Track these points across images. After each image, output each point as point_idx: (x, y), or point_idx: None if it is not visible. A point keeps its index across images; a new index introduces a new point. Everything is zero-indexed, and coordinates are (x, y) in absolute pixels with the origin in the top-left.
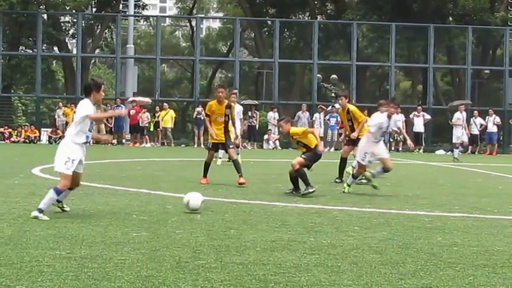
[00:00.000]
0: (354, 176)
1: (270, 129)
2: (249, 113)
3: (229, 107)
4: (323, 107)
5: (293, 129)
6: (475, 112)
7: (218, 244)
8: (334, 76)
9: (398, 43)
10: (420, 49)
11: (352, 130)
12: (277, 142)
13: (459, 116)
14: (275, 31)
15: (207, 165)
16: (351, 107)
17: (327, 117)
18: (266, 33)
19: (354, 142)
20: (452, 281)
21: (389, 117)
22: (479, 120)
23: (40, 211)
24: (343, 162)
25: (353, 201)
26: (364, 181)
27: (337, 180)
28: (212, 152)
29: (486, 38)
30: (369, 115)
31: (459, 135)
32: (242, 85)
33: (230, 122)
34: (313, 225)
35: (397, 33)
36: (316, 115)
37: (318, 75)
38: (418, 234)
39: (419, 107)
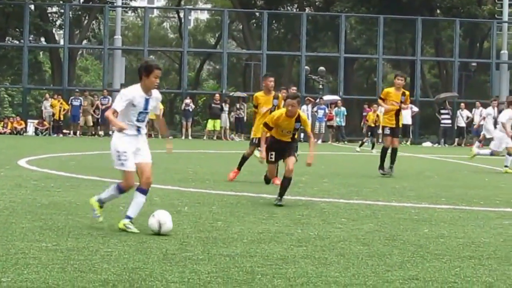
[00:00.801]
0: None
1: None
2: (237, 105)
3: (277, 97)
4: (310, 99)
5: (302, 114)
6: (462, 104)
7: (205, 236)
8: (322, 68)
9: (386, 35)
10: (407, 42)
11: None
12: None
13: (490, 112)
14: (263, 23)
15: (244, 159)
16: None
17: (315, 109)
18: (254, 25)
19: (395, 133)
20: (438, 273)
21: None
22: (465, 113)
23: (130, 219)
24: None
25: (340, 193)
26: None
27: (383, 171)
28: (253, 147)
29: (473, 30)
30: (358, 106)
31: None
32: (230, 77)
33: None
34: (300, 217)
35: (385, 26)
36: (304, 107)
37: (306, 67)
38: (405, 226)
39: None
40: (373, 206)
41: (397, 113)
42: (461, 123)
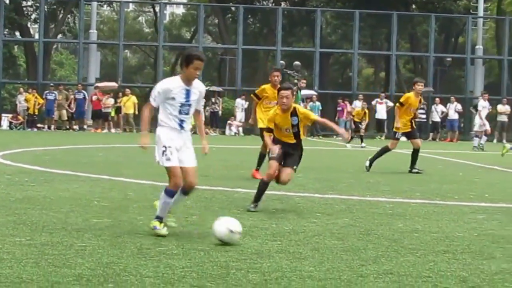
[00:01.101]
0: None
1: (233, 116)
2: (212, 100)
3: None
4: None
5: (299, 106)
6: (437, 99)
7: (180, 231)
8: (297, 62)
9: (361, 30)
10: (383, 37)
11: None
12: (240, 129)
13: (484, 105)
14: (239, 18)
15: (262, 156)
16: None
17: None
18: (230, 19)
19: (412, 135)
20: (412, 267)
21: None
22: (440, 107)
23: (160, 220)
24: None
25: (315, 187)
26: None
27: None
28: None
29: (448, 26)
30: (333, 101)
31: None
32: (205, 72)
33: None
34: (275, 211)
35: (360, 21)
36: None
37: (282, 61)
38: (380, 220)
39: (382, 94)
40: (348, 200)
41: (413, 118)
42: (436, 118)
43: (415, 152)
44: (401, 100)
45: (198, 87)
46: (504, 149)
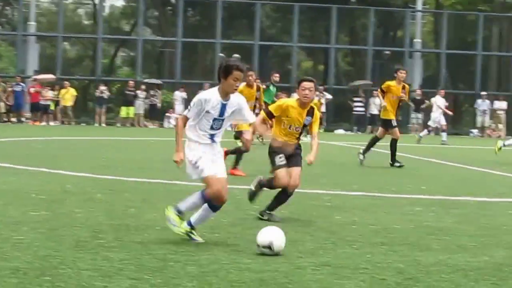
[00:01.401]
0: None
1: (172, 109)
2: (151, 92)
3: (258, 89)
4: None
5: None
6: (375, 92)
7: (118, 224)
8: (236, 55)
9: (301, 23)
10: (322, 30)
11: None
12: None
13: (442, 100)
14: (179, 10)
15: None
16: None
17: None
18: (170, 11)
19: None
20: (350, 259)
21: None
22: (378, 100)
23: (192, 228)
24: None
25: (253, 180)
26: None
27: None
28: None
29: (387, 19)
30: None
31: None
32: (144, 64)
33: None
34: None
35: (300, 14)
36: None
37: (221, 54)
38: (318, 212)
39: (321, 87)
40: None
41: (398, 106)
42: (374, 110)
43: (394, 143)
44: (383, 87)
45: (236, 100)
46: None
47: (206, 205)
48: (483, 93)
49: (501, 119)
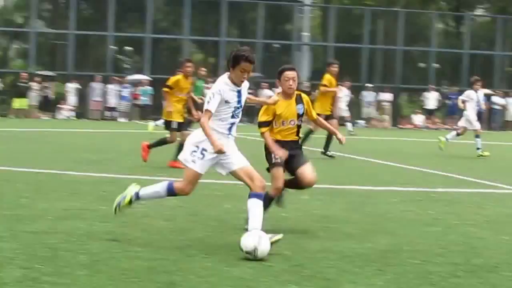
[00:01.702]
0: None
1: (63, 100)
2: (44, 84)
3: (193, 83)
4: (116, 78)
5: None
6: (264, 84)
7: (9, 214)
8: (128, 48)
9: (192, 16)
10: (213, 23)
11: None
12: (72, 113)
13: (346, 93)
14: (72, 3)
15: (163, 143)
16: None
17: (122, 88)
18: (63, 4)
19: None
20: (238, 247)
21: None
22: (267, 92)
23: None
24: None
25: (144, 170)
26: None
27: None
28: (175, 133)
29: (276, 13)
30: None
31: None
32: (38, 56)
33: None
34: (105, 193)
35: (192, 7)
36: (111, 86)
37: (113, 47)
38: (208, 201)
39: (209, 79)
40: None
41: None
42: None
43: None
44: (325, 82)
45: (246, 85)
46: (441, 142)
47: (166, 188)
48: (369, 85)
49: (386, 110)
